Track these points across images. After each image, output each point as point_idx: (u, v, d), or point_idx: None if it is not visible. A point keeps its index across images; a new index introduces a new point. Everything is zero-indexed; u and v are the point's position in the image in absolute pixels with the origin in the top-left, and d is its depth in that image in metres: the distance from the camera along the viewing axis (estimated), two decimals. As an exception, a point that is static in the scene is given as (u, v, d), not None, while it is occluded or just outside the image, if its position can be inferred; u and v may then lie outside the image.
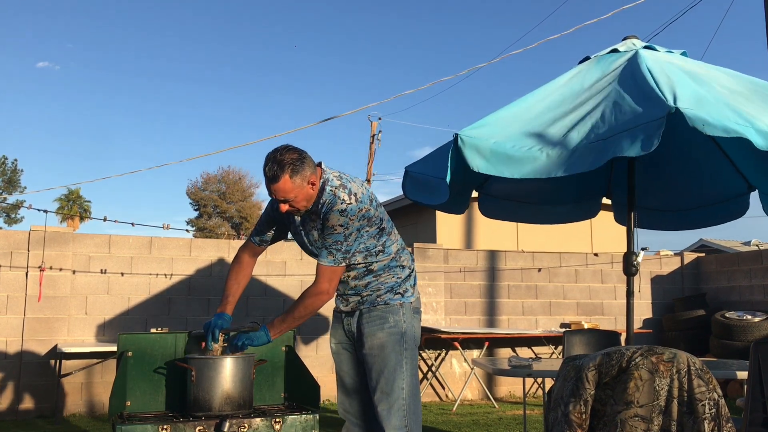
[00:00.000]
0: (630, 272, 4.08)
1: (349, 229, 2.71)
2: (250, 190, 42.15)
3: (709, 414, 2.25)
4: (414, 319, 2.86)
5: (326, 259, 2.74)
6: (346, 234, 2.71)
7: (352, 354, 2.95)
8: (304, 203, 2.75)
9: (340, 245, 2.72)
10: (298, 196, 2.70)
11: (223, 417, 2.86)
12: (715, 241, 21.64)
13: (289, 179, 2.65)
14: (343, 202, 2.69)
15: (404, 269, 2.88)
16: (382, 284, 2.84)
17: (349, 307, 2.90)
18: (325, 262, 2.74)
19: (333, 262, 2.73)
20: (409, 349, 2.79)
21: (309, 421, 2.98)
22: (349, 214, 2.69)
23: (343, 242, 2.72)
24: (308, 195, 2.74)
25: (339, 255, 2.73)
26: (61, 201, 39.87)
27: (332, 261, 2.73)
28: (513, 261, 8.56)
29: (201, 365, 2.98)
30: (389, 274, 2.84)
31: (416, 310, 2.88)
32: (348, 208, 2.69)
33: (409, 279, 2.88)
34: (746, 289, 8.72)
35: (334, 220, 2.69)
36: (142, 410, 3.09)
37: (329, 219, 2.70)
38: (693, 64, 3.72)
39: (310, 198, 2.76)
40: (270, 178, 2.66)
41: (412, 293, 2.87)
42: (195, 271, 7.23)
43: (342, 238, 2.71)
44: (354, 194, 2.72)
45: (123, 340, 3.12)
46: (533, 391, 8.24)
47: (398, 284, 2.85)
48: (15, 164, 37.14)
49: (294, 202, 2.72)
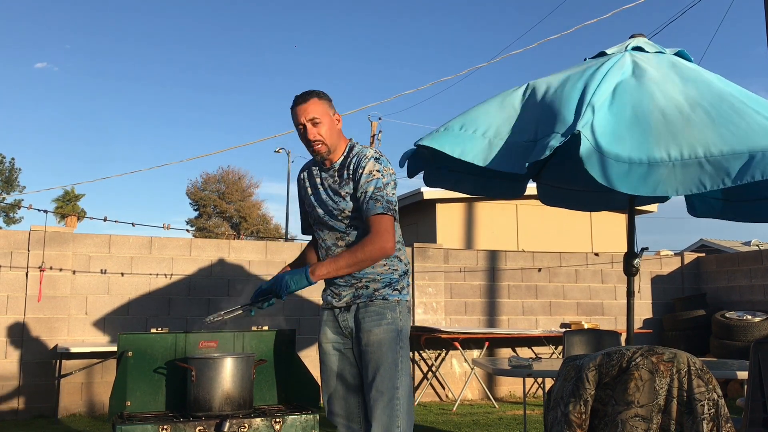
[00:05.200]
0: (630, 272, 4.08)
1: (385, 178, 2.70)
2: (250, 190, 42.20)
3: (708, 414, 2.25)
4: (408, 318, 2.82)
5: (376, 208, 2.64)
6: (384, 181, 2.69)
7: (343, 354, 2.83)
8: (330, 136, 2.75)
9: (382, 191, 2.67)
10: (324, 121, 2.73)
11: (223, 417, 2.87)
12: (715, 241, 21.64)
13: (318, 100, 2.73)
14: (375, 152, 2.77)
15: (401, 263, 2.81)
16: (377, 274, 2.75)
17: (343, 302, 2.79)
18: (378, 210, 2.64)
19: (383, 209, 2.65)
20: (404, 348, 2.73)
21: (309, 421, 2.98)
22: (382, 163, 2.74)
23: (384, 188, 2.68)
24: (333, 127, 2.76)
25: (386, 202, 2.66)
26: (59, 201, 39.87)
27: (382, 207, 2.65)
28: (513, 261, 8.56)
29: (201, 365, 2.98)
30: (386, 263, 2.77)
31: (409, 310, 2.85)
32: (381, 158, 2.75)
33: (405, 276, 2.82)
34: (746, 289, 8.72)
35: (371, 166, 2.70)
36: (142, 410, 3.09)
37: (365, 167, 2.70)
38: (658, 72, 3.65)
39: (335, 135, 2.77)
40: (299, 100, 2.74)
41: (407, 292, 2.83)
42: (195, 270, 7.23)
43: (382, 184, 2.68)
44: (383, 155, 2.79)
45: (123, 340, 3.12)
46: (533, 391, 8.24)
47: (396, 280, 2.78)
48: (12, 163, 37.13)
49: (320, 130, 2.72)
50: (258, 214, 41.96)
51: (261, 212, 42.39)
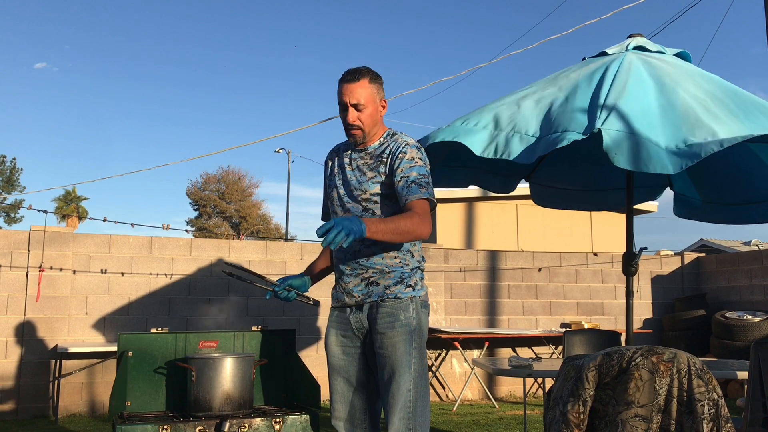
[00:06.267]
0: (629, 272, 4.08)
1: (427, 166, 2.68)
2: (250, 190, 42.19)
3: (708, 414, 2.25)
4: (423, 314, 2.73)
5: (420, 192, 2.58)
6: (427, 169, 2.67)
7: (350, 356, 2.76)
8: (370, 123, 2.70)
9: (427, 179, 2.63)
10: (369, 107, 2.68)
11: (223, 417, 2.86)
12: (715, 241, 21.65)
13: (368, 83, 2.67)
14: (417, 142, 2.73)
15: (413, 259, 2.74)
16: (385, 265, 2.68)
17: (355, 301, 2.72)
18: (423, 195, 2.59)
19: (427, 194, 2.59)
20: (417, 348, 2.66)
21: (309, 421, 2.98)
22: (422, 153, 2.71)
23: (427, 176, 2.65)
24: (375, 114, 2.71)
25: (430, 189, 2.61)
26: (59, 201, 39.86)
27: (426, 193, 2.59)
28: (513, 261, 8.56)
29: (201, 365, 2.98)
30: (397, 256, 2.69)
31: (425, 304, 2.76)
32: (421, 148, 2.72)
33: (417, 271, 2.75)
34: (746, 289, 8.72)
35: (413, 153, 2.67)
36: (143, 410, 3.09)
37: (407, 152, 2.66)
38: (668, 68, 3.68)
39: (375, 122, 2.72)
40: (349, 78, 2.67)
41: (422, 287, 2.75)
42: (195, 270, 7.23)
43: (425, 171, 2.65)
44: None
45: (123, 340, 3.12)
46: (533, 391, 8.24)
47: (408, 275, 2.71)
48: (14, 163, 37.11)
49: (363, 115, 2.68)
50: (258, 214, 41.96)
51: (261, 212, 42.40)
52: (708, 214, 4.87)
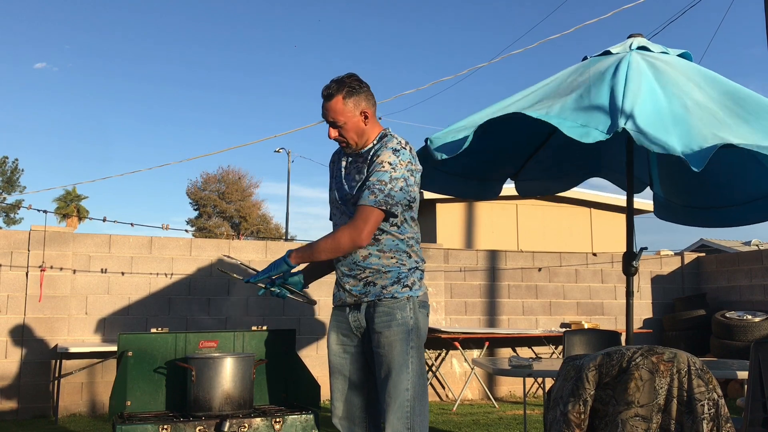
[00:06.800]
0: (629, 272, 4.08)
1: (396, 171, 2.65)
2: (250, 189, 42.19)
3: (708, 414, 2.25)
4: (421, 314, 2.73)
5: (367, 199, 2.62)
6: (392, 175, 2.64)
7: (350, 355, 2.79)
8: (354, 135, 2.72)
9: (384, 185, 2.62)
10: (348, 122, 2.69)
11: (223, 417, 2.87)
12: (715, 241, 21.65)
13: (341, 100, 2.68)
14: (399, 144, 2.71)
15: (410, 259, 2.76)
16: (381, 265, 2.70)
17: (353, 300, 2.75)
18: (366, 202, 2.62)
19: (374, 202, 2.60)
20: (415, 348, 2.67)
21: (309, 421, 2.98)
22: (400, 156, 2.67)
23: (388, 183, 2.63)
24: (358, 126, 2.71)
25: (381, 196, 2.61)
26: (59, 201, 39.86)
27: (373, 201, 2.60)
28: (513, 261, 8.56)
29: (201, 365, 2.98)
30: (393, 256, 2.72)
31: (423, 305, 2.76)
32: (401, 150, 2.69)
33: (415, 272, 2.76)
34: (746, 289, 8.72)
35: (385, 156, 2.66)
36: (143, 410, 3.09)
37: (380, 155, 2.66)
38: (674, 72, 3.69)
39: (360, 132, 2.73)
40: (325, 96, 2.70)
41: (419, 287, 2.76)
42: (195, 270, 7.23)
43: (387, 178, 2.64)
44: (411, 148, 2.74)
45: (123, 340, 3.12)
46: (533, 391, 8.24)
47: (405, 275, 2.72)
48: (15, 164, 37.11)
49: (343, 130, 2.70)
50: (258, 214, 41.97)
51: (261, 212, 42.42)
52: (686, 218, 4.93)
